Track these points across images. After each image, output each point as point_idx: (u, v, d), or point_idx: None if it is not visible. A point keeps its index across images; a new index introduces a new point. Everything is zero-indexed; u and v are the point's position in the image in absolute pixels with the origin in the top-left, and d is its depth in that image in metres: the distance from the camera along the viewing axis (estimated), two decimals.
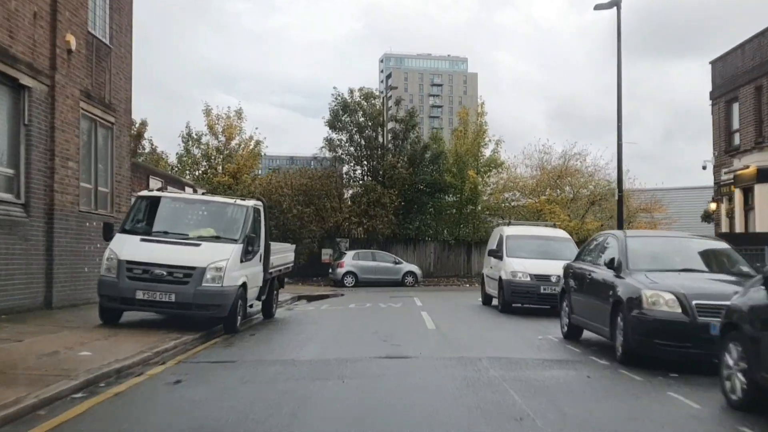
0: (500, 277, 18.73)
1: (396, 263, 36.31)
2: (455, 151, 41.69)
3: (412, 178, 40.04)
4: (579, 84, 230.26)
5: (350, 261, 35.50)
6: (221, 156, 43.95)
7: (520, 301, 18.32)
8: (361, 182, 40.16)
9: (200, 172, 43.95)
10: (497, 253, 19.75)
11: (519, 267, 18.46)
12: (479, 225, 42.08)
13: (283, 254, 17.55)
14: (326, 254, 38.74)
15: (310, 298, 26.67)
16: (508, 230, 20.85)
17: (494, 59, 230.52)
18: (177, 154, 44.42)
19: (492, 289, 20.15)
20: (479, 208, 42.46)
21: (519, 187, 42.52)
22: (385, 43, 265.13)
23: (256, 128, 47.83)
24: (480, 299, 23.02)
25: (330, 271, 36.37)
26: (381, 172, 40.80)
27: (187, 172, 43.96)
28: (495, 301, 20.32)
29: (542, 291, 17.72)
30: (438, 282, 39.28)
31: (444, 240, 41.34)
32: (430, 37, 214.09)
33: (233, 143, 44.27)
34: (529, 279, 18.03)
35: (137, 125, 43.67)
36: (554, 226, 21.90)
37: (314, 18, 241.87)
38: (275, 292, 17.08)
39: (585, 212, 41.74)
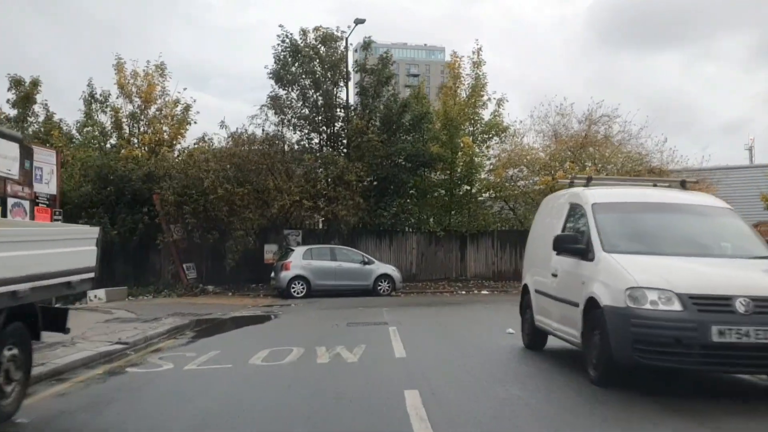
0: (590, 300, 8.26)
1: (365, 263, 25.88)
2: (444, 113, 31.29)
3: (386, 148, 29.67)
4: (557, 78, 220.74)
5: (299, 261, 25.03)
6: (137, 124, 33.08)
7: (655, 358, 7.56)
8: (317, 154, 29.61)
9: (110, 144, 33.07)
10: (577, 247, 9.18)
11: (649, 277, 7.77)
12: (476, 211, 31.78)
13: (48, 247, 6.95)
14: (270, 252, 28.22)
15: (214, 325, 16.18)
16: (595, 194, 9.93)
17: (472, 50, 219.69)
18: (77, 122, 33.47)
19: (557, 323, 9.75)
20: (476, 188, 32.14)
21: (527, 162, 32.25)
22: (360, 36, 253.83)
23: (184, 88, 36.85)
24: (510, 330, 12.83)
25: (272, 276, 25.85)
26: (345, 141, 30.33)
27: (96, 144, 33.04)
28: (538, 340, 11.06)
29: (715, 338, 7.20)
30: (423, 288, 28.97)
31: (430, 231, 31.03)
32: (407, 31, 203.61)
33: (153, 109, 33.38)
34: (678, 307, 7.48)
35: (27, 85, 32.90)
36: (682, 185, 10.99)
37: (288, 13, 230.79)
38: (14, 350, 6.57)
39: None
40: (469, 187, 31.84)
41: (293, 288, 24.72)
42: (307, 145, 30.31)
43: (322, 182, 28.01)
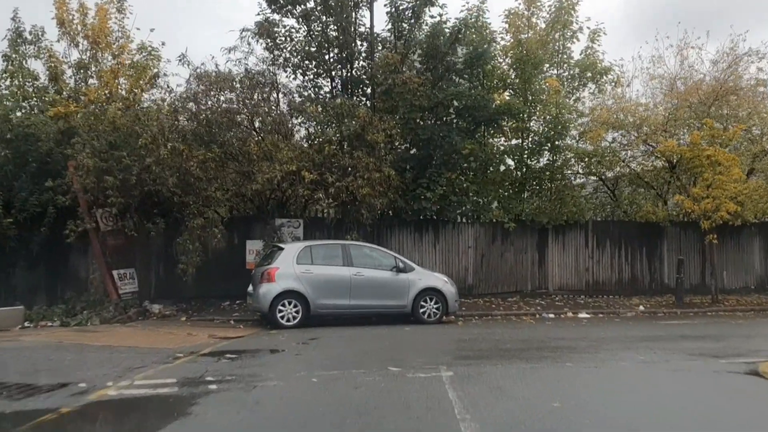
0: None
1: (399, 270, 15.85)
2: (515, 47, 21.14)
3: (430, 95, 19.65)
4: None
5: (291, 267, 15.13)
6: (83, 74, 23.30)
7: None
8: (326, 99, 19.59)
9: (44, 101, 23.32)
10: None
11: None
12: (563, 192, 21.57)
13: None
14: (254, 252, 18.36)
15: None
16: None
17: None
18: None
19: None
20: (563, 159, 21.94)
21: (634, 124, 22.00)
22: None
23: (151, 29, 26.94)
24: None
25: (249, 290, 15.93)
26: (369, 87, 20.35)
27: (24, 103, 23.29)
28: None
29: None
30: (486, 307, 18.89)
31: (495, 222, 20.94)
32: None
33: (108, 56, 23.53)
34: None
35: None
36: None
37: None
38: None
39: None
40: (553, 157, 21.63)
41: (280, 312, 14.86)
42: (313, 95, 20.34)
43: (332, 145, 18.06)
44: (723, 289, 21.55)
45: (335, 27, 20.38)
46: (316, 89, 20.62)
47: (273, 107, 18.92)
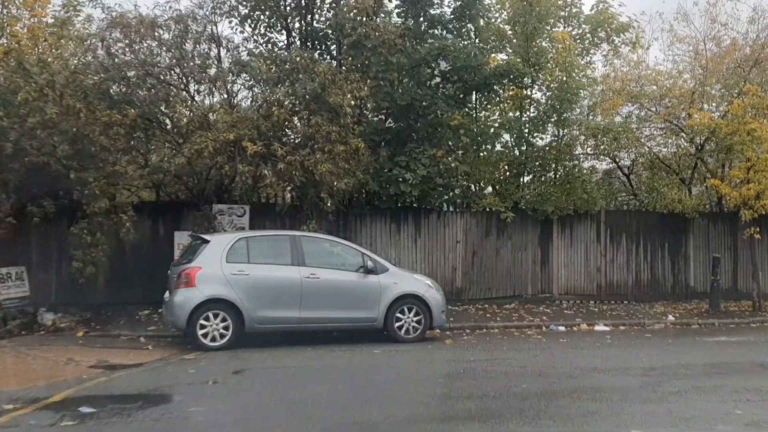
0: None
1: (368, 271, 11.83)
2: None
3: (410, 51, 15.69)
4: None
5: (218, 266, 11.13)
6: None
7: None
8: (275, 55, 15.46)
9: None
10: None
11: None
12: (571, 176, 17.64)
13: None
14: (183, 245, 14.24)
15: None
16: None
17: None
18: None
19: None
20: (571, 135, 18.03)
21: (654, 95, 18.23)
22: None
23: None
24: None
25: (165, 296, 11.83)
26: (333, 41, 16.31)
27: None
28: None
29: None
30: (482, 317, 14.98)
31: (489, 211, 16.98)
32: None
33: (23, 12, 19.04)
34: None
35: None
36: None
37: None
38: None
39: None
40: (559, 133, 17.70)
41: (203, 328, 10.86)
42: (265, 52, 16.20)
43: (284, 108, 14.01)
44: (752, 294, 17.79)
45: None
46: (269, 45, 16.53)
47: (212, 63, 14.88)
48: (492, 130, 17.41)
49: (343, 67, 15.65)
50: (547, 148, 17.65)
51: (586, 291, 17.79)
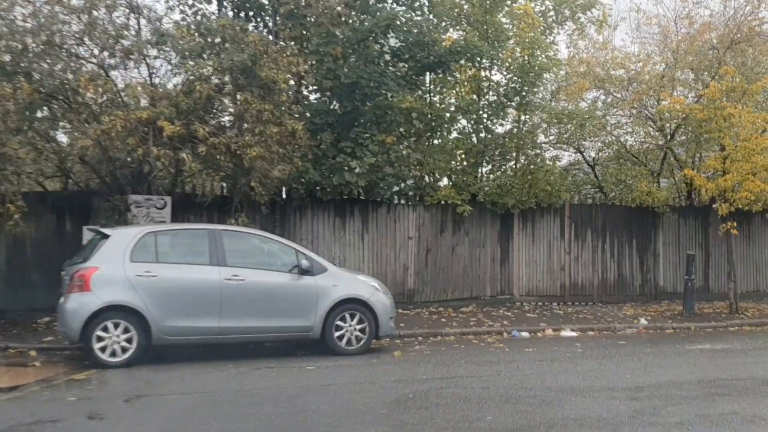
0: None
1: (301, 271, 10.02)
2: None
3: (357, 24, 13.94)
4: None
5: (120, 267, 9.23)
6: None
7: None
8: (201, 23, 13.53)
9: None
10: None
11: None
12: (536, 165, 16.04)
13: None
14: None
15: None
16: None
17: None
18: None
19: None
20: (533, 120, 16.48)
21: (623, 79, 16.86)
22: None
23: None
24: None
25: (60, 300, 9.84)
26: (268, 9, 14.40)
27: None
28: None
29: None
30: (437, 322, 13.28)
31: (445, 204, 15.32)
32: None
33: None
34: None
35: None
36: None
37: None
38: None
39: None
40: (522, 118, 16.11)
41: (100, 340, 8.97)
42: (192, 23, 14.19)
43: (208, 83, 12.12)
44: (727, 294, 16.51)
45: None
46: (198, 17, 14.57)
47: (129, 34, 12.90)
48: (448, 114, 15.72)
49: (281, 42, 13.84)
50: (507, 136, 16.04)
51: (549, 291, 16.29)
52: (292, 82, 13.97)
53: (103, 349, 8.98)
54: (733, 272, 15.30)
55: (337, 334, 10.04)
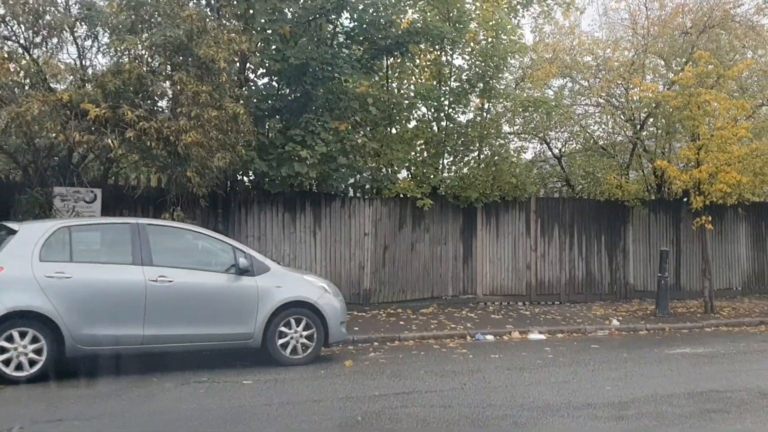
0: None
1: (239, 271, 8.82)
2: None
3: (307, 6, 12.79)
4: None
5: (28, 266, 7.94)
6: None
7: None
8: None
9: None
10: None
11: None
12: (501, 156, 15.03)
13: None
14: None
15: None
16: None
17: None
18: None
19: None
20: (498, 108, 15.49)
21: (591, 66, 16.03)
22: None
23: None
24: None
25: None
26: None
27: None
28: None
29: None
30: (395, 325, 12.12)
31: (403, 197, 14.23)
32: None
33: None
34: None
35: None
36: None
37: None
38: None
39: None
40: (486, 106, 15.10)
41: (4, 352, 7.69)
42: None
43: (138, 61, 10.85)
44: (700, 293, 15.76)
45: None
46: None
47: (54, 9, 11.55)
48: (407, 101, 14.62)
49: (224, 21, 12.59)
50: (470, 125, 15.00)
51: (515, 291, 15.34)
52: (237, 65, 12.79)
53: (6, 362, 7.70)
54: (707, 269, 14.47)
55: (280, 341, 8.89)
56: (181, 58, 10.87)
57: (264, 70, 13.40)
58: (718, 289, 16.18)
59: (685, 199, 16.37)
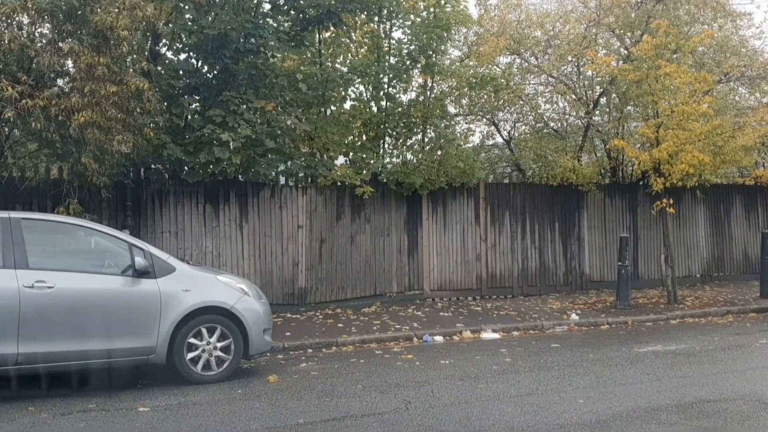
0: None
1: (137, 272, 7.33)
2: None
3: None
4: None
5: None
6: None
7: None
8: None
9: None
10: None
11: None
12: (447, 138, 13.73)
13: None
14: None
15: None
16: None
17: None
18: None
19: None
20: (442, 86, 14.21)
21: (540, 41, 14.89)
22: None
23: None
24: None
25: None
26: None
27: None
28: None
29: None
30: (332, 328, 10.74)
31: (342, 185, 12.85)
32: None
33: None
34: None
35: None
36: None
37: None
38: None
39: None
40: (429, 84, 13.80)
41: None
42: None
43: (19, 30, 9.25)
44: (660, 280, 14.84)
45: None
46: None
47: None
48: (342, 78, 13.20)
49: None
50: (413, 105, 13.68)
51: (465, 285, 14.12)
52: (148, 37, 11.24)
53: None
54: (669, 257, 13.45)
55: (190, 355, 7.43)
56: (72, 25, 9.27)
57: (180, 45, 11.85)
58: (677, 276, 15.24)
59: (641, 183, 15.42)
